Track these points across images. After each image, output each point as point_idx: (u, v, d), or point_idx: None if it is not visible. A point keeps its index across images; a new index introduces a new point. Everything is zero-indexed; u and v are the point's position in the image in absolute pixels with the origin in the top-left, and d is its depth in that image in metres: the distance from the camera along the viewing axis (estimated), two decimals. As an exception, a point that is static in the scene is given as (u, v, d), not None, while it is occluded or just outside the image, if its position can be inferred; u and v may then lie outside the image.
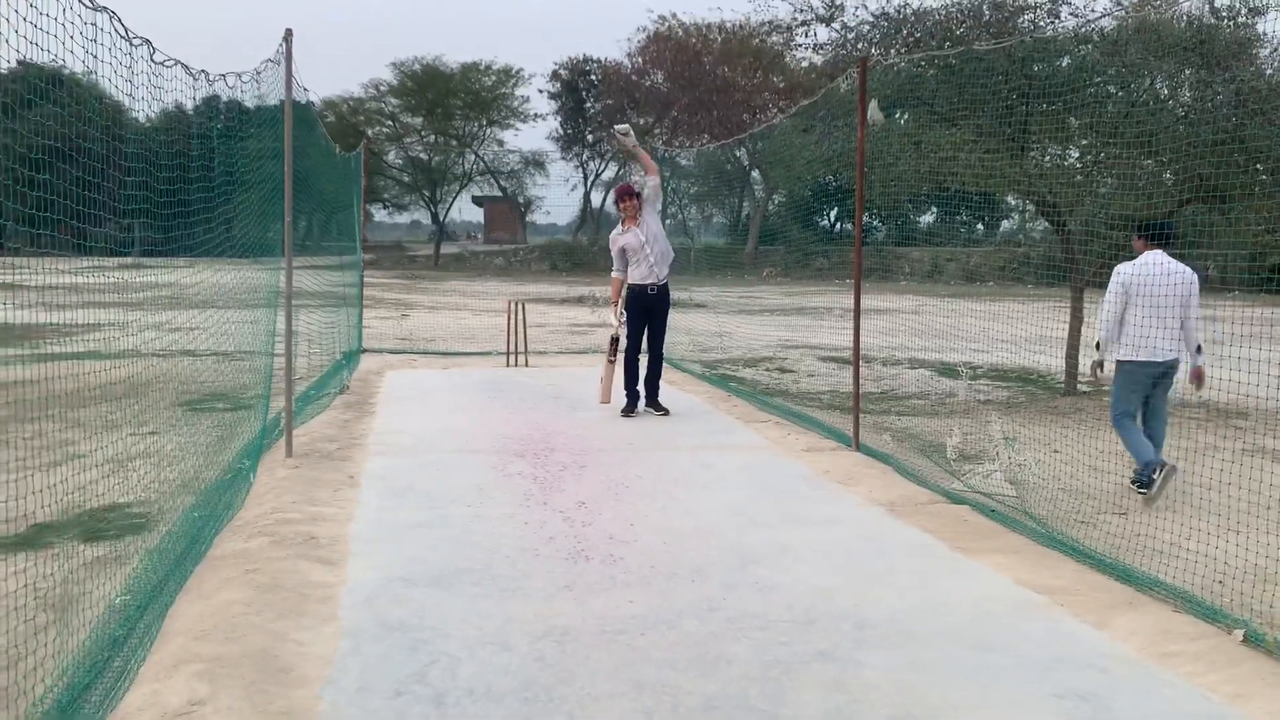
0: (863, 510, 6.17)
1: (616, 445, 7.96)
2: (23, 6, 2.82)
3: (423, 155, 55.18)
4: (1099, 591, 4.63)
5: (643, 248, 9.19)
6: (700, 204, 57.51)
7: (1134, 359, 6.57)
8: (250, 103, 7.20)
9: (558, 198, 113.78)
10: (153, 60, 4.09)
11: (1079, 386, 10.57)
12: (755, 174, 50.38)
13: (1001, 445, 7.35)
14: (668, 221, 12.84)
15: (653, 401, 9.33)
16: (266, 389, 7.91)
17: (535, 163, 57.10)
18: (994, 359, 13.06)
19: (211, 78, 5.06)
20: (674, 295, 10.03)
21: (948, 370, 12.67)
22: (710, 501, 6.28)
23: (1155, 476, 6.21)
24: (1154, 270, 6.49)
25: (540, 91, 69.70)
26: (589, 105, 55.68)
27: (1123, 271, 6.65)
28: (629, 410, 9.23)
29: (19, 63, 3.63)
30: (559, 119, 56.19)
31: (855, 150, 7.88)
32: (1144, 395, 6.65)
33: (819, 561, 5.11)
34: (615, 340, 9.37)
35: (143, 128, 6.77)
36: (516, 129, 60.22)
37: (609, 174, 56.34)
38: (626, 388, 9.29)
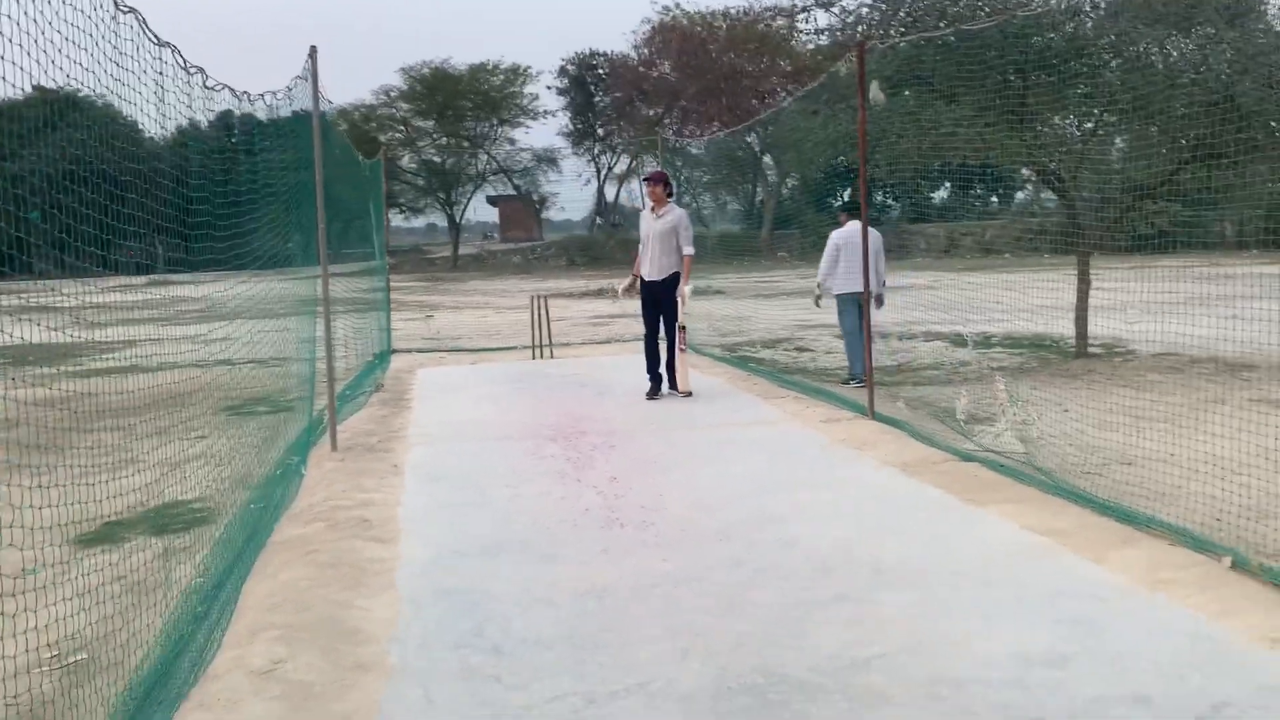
0: (877, 472, 6.52)
1: (643, 426, 8.34)
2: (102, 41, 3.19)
3: (436, 158, 55.66)
4: (1099, 532, 4.97)
5: (646, 240, 9.56)
6: (714, 192, 57.72)
7: (846, 291, 9.88)
8: (262, 115, 7.59)
9: (571, 193, 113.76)
10: (205, 86, 4.49)
11: (1088, 348, 10.85)
12: (767, 159, 50.53)
13: (1005, 402, 7.68)
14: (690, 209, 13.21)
15: (674, 384, 9.68)
16: (311, 390, 8.34)
17: (548, 159, 57.48)
18: (1009, 327, 13.34)
19: (251, 97, 5.45)
20: (694, 283, 10.36)
21: (960, 341, 12.96)
22: (733, 471, 6.65)
23: (861, 379, 9.22)
24: (856, 234, 9.39)
25: (548, 88, 69.99)
26: (598, 99, 55.98)
27: (835, 236, 10.11)
28: (653, 394, 9.59)
29: (34, 87, 3.99)
30: (569, 115, 56.55)
31: (859, 132, 8.19)
32: (859, 314, 9.51)
33: (836, 518, 5.47)
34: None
35: (159, 146, 7.14)
36: (527, 127, 60.59)
37: (620, 167, 56.68)
38: (649, 372, 9.65)
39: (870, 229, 9.53)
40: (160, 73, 4.55)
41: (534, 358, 13.59)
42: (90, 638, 4.23)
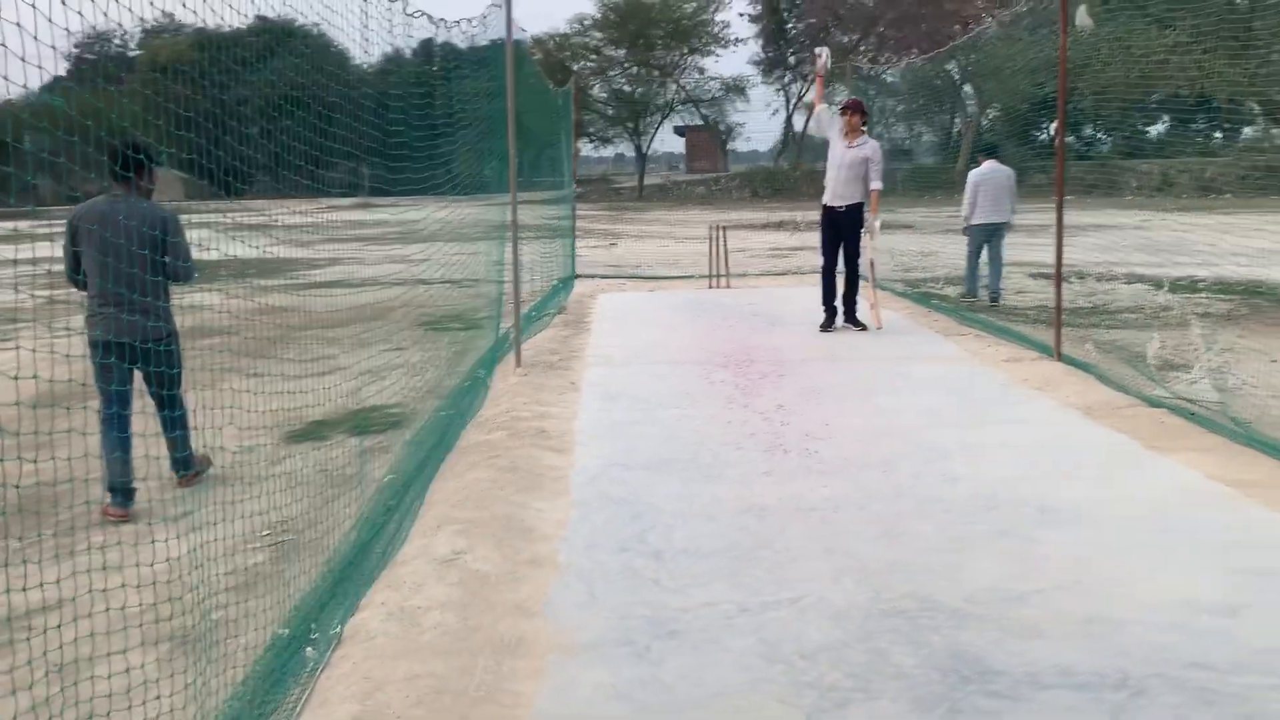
0: (1057, 413, 6.34)
1: (814, 356, 8.35)
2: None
3: (626, 87, 55.91)
4: (1292, 485, 4.71)
5: (837, 167, 9.38)
6: (909, 123, 55.56)
7: (979, 222, 11.44)
8: (462, 44, 7.87)
9: (758, 124, 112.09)
10: (405, 13, 4.76)
11: None
12: (967, 89, 48.16)
13: (1201, 347, 7.26)
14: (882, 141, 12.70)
15: (850, 317, 9.59)
16: (498, 310, 8.77)
17: (736, 89, 56.73)
18: (1221, 272, 12.47)
19: (448, 24, 5.71)
20: (883, 217, 10.04)
21: (1159, 284, 12.25)
22: (903, 405, 6.61)
23: (973, 297, 11.48)
24: (994, 173, 11.39)
25: (740, 15, 68.82)
26: (790, 26, 54.65)
27: (974, 174, 11.54)
28: (826, 326, 9.54)
29: (257, 18, 4.29)
30: (760, 42, 55.48)
31: (1060, 58, 7.79)
32: (983, 243, 11.51)
33: (1007, 456, 5.39)
34: None
35: (366, 73, 7.51)
36: (717, 55, 60.17)
37: (810, 96, 55.35)
38: (824, 304, 9.59)
39: (1002, 166, 11.39)
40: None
41: (710, 287, 13.71)
42: (293, 516, 4.70)
